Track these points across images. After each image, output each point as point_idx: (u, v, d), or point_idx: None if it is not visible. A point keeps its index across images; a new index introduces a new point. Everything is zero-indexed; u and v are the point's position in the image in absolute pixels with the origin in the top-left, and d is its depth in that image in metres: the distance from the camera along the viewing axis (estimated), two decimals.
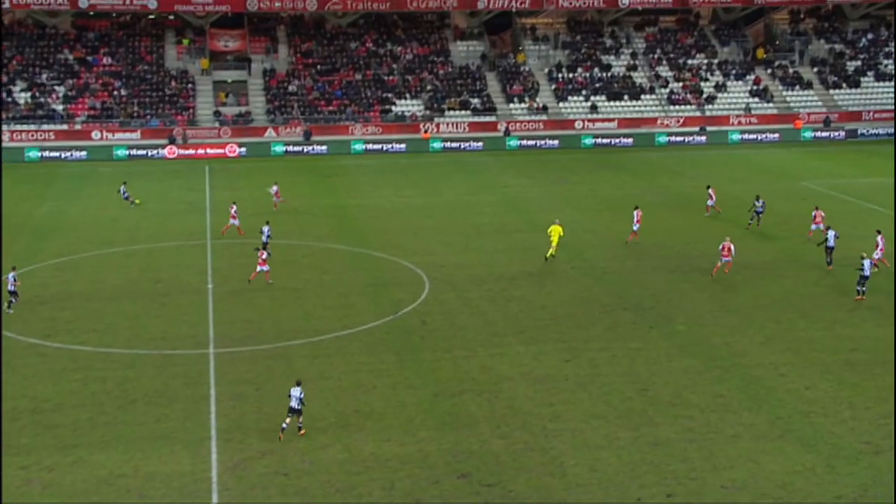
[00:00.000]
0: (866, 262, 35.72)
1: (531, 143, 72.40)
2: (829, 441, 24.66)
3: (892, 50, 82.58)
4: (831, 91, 79.43)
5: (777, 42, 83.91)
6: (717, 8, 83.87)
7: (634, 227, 43.87)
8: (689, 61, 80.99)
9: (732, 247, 38.81)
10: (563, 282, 38.57)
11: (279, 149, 70.13)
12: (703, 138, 73.81)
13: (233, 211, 45.94)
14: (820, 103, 78.36)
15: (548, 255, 41.33)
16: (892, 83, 79.94)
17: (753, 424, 25.61)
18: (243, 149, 69.59)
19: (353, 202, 53.89)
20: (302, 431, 25.10)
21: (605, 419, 25.98)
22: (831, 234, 39.34)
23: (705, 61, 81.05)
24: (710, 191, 49.63)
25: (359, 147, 70.84)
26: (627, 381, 28.53)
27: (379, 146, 71.06)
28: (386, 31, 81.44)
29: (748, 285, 37.93)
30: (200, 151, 69.15)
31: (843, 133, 75.17)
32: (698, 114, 76.31)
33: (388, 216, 50.16)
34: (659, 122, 75.30)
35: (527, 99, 76.44)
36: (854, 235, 44.58)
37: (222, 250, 43.33)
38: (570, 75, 79.14)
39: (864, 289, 35.86)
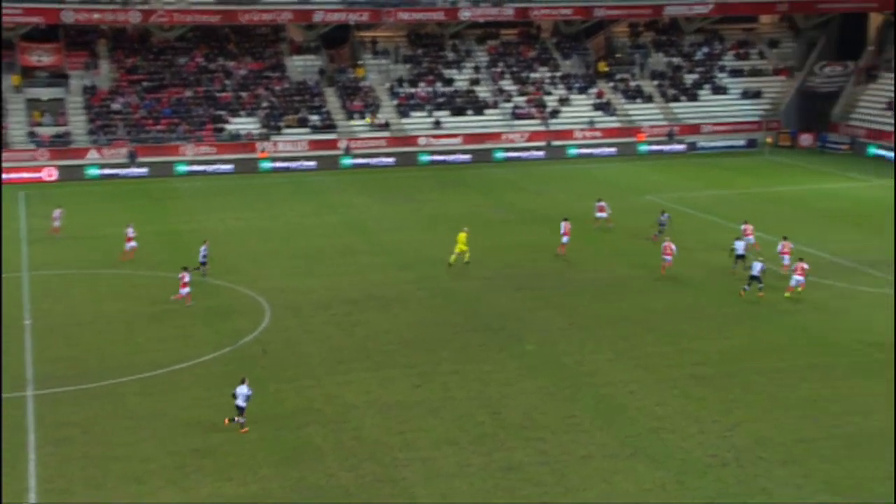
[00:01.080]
0: (757, 265, 38.75)
1: (367, 161, 72.59)
2: (679, 457, 25.67)
3: (726, 63, 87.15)
4: (671, 104, 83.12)
5: (618, 55, 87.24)
6: (557, 21, 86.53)
7: (563, 240, 45.25)
8: (532, 75, 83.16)
9: (674, 247, 42.04)
10: (411, 304, 38.80)
11: (94, 172, 67.72)
12: (542, 153, 75.72)
13: (129, 233, 44.43)
14: (661, 116, 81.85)
15: (451, 260, 43.55)
16: (727, 96, 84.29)
17: (605, 444, 26.40)
18: (61, 172, 66.97)
19: (187, 227, 52.65)
20: (244, 430, 26.65)
21: (457, 445, 26.23)
22: (740, 244, 42.27)
23: (548, 75, 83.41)
24: (601, 203, 51.47)
25: (182, 168, 69.32)
26: (479, 404, 28.91)
27: (203, 167, 69.71)
28: (217, 45, 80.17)
29: (597, 301, 39.14)
30: (14, 176, 66.03)
31: (683, 146, 78.72)
32: (543, 128, 78.39)
33: (225, 241, 49.23)
34: (504, 137, 76.90)
35: (368, 115, 76.70)
36: (697, 248, 46.78)
37: (40, 283, 41.49)
38: (412, 90, 79.95)
39: (748, 287, 38.82)
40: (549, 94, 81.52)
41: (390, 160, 72.97)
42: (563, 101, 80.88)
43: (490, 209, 57.03)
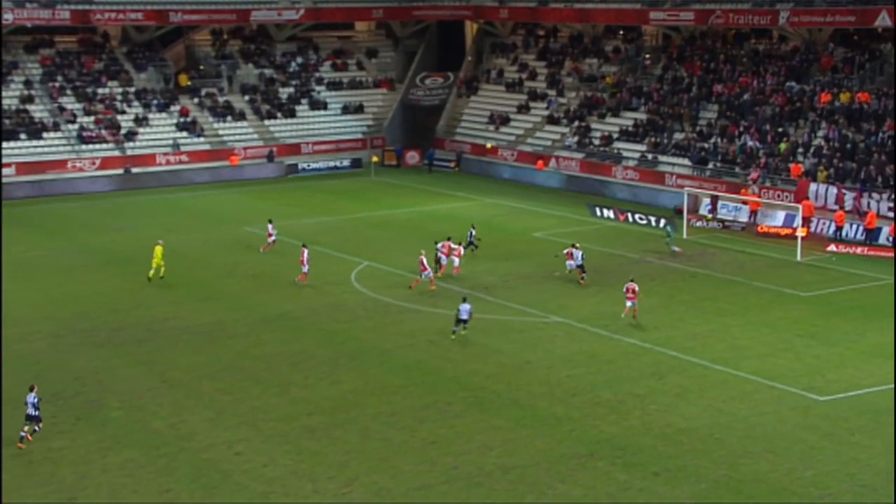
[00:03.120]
0: (577, 253, 47.48)
1: None
2: None
3: (324, 75, 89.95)
4: (266, 122, 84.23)
5: (201, 67, 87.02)
6: (126, 27, 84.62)
7: (304, 269, 47.62)
8: (100, 90, 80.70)
9: (425, 260, 46.49)
10: None
11: None
12: (118, 182, 73.79)
13: None
14: (256, 136, 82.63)
15: (150, 275, 47.40)
16: (327, 112, 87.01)
17: None
18: None
19: None
20: (29, 438, 29.60)
21: None
22: (578, 253, 47.80)
23: (120, 90, 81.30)
24: (270, 226, 53.70)
25: None
26: (49, 491, 27.52)
27: None
28: None
29: (193, 352, 38.72)
30: None
31: (282, 168, 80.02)
32: (118, 153, 76.28)
33: None
34: (70, 164, 73.93)
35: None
36: (326, 281, 47.78)
37: None
38: None
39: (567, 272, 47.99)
40: (122, 112, 79.57)
41: None
42: (141, 121, 79.29)
43: (57, 252, 54.54)
